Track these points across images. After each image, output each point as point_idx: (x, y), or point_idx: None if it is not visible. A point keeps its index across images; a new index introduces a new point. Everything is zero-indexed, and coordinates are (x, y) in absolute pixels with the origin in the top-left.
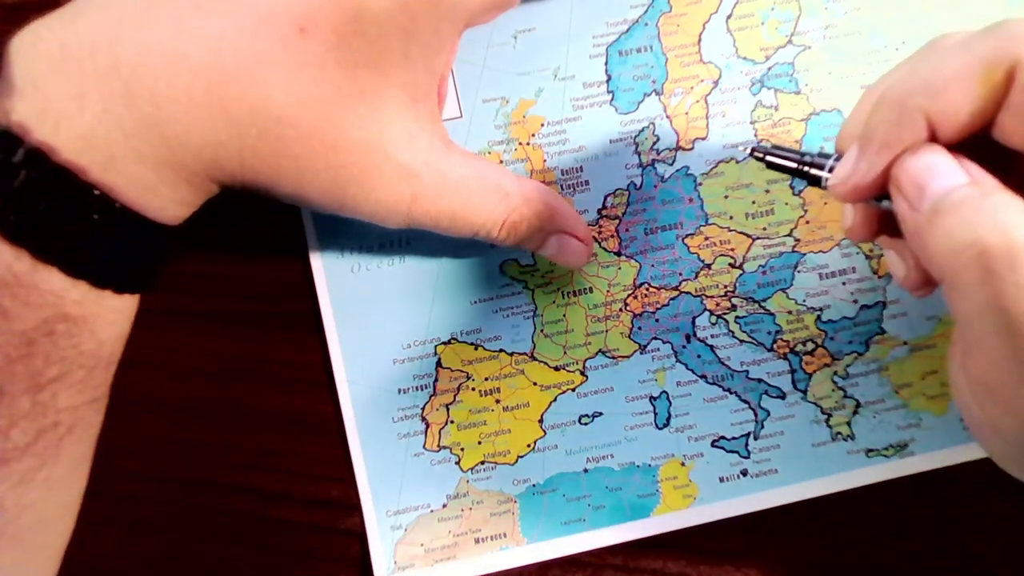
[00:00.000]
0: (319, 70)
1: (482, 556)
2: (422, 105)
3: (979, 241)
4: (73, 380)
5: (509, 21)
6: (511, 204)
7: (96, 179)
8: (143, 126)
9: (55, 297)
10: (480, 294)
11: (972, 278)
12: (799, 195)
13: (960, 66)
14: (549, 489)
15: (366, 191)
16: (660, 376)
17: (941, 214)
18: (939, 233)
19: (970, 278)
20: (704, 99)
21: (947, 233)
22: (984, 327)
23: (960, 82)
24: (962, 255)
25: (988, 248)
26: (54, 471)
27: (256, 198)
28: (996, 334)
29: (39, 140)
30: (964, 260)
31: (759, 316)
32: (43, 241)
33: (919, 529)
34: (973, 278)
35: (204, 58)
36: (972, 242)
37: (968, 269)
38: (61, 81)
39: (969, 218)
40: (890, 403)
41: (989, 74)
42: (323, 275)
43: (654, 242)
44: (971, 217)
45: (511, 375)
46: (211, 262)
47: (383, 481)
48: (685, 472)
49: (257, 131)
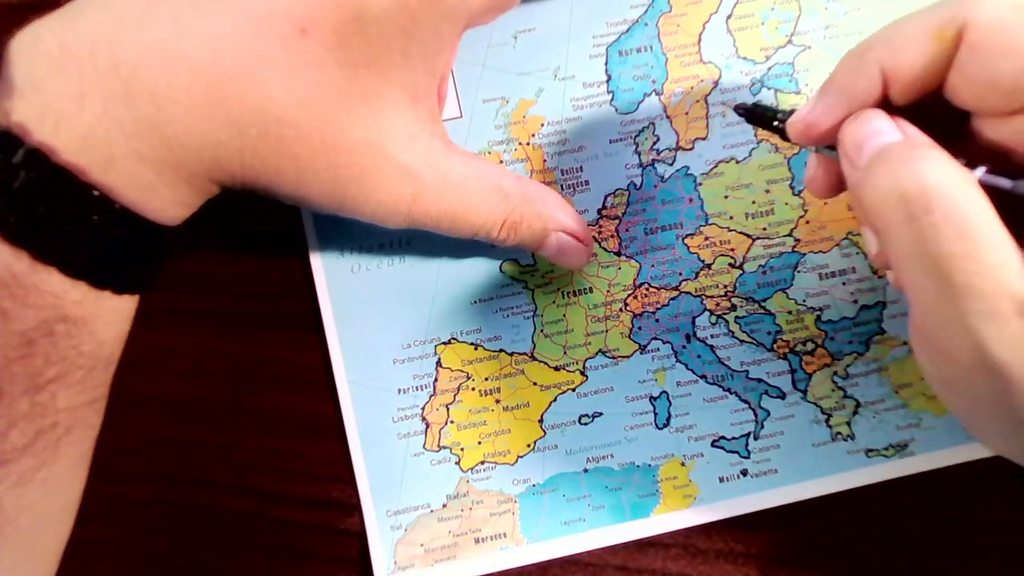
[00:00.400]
0: (319, 70)
1: (482, 556)
2: (422, 105)
3: (900, 187)
4: (72, 381)
5: (509, 21)
6: (511, 204)
7: (96, 180)
8: (143, 126)
9: (54, 298)
10: (480, 294)
11: (896, 223)
12: (799, 195)
13: (917, 25)
14: (549, 489)
15: (367, 191)
16: (660, 376)
17: (872, 167)
18: (870, 185)
19: (895, 224)
20: (704, 99)
21: (875, 184)
22: (912, 272)
23: (915, 38)
24: (887, 203)
25: (907, 193)
26: (53, 471)
27: (256, 198)
28: (923, 276)
29: (39, 141)
30: (889, 207)
31: (759, 316)
32: (43, 242)
33: (919, 529)
34: (897, 223)
35: (204, 58)
36: (894, 188)
37: (893, 215)
38: (61, 81)
39: (893, 168)
40: (890, 403)
41: (940, 32)
42: (323, 275)
43: (654, 242)
44: (895, 167)
45: (511, 375)
46: (211, 262)
47: (383, 481)
48: (685, 472)
49: (257, 131)
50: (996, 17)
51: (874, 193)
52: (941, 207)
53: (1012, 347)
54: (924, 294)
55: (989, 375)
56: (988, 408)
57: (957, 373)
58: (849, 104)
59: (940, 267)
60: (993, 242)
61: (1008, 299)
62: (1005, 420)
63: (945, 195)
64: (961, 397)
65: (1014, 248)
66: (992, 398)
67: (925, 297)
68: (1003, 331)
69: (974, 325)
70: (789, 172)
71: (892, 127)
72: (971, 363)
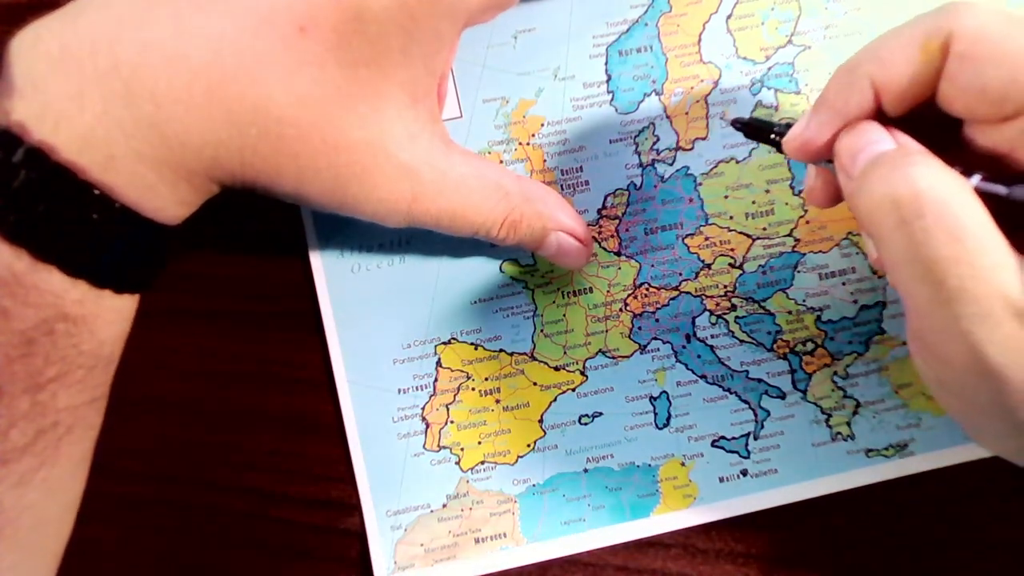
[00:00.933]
0: (319, 69)
1: (482, 556)
2: (422, 104)
3: (892, 192)
4: (73, 380)
5: (509, 21)
6: (511, 203)
7: (96, 179)
8: (143, 126)
9: (54, 297)
10: (480, 294)
11: (889, 228)
12: (799, 195)
13: (904, 38)
14: (549, 489)
15: (367, 190)
16: (660, 376)
17: (866, 175)
18: (864, 192)
19: (888, 229)
20: (704, 99)
21: (869, 191)
22: (906, 277)
23: (903, 51)
24: (880, 208)
25: (899, 198)
26: (53, 472)
27: (256, 198)
28: (916, 280)
29: (39, 140)
30: (882, 213)
31: (759, 316)
32: (43, 241)
33: (919, 529)
34: (890, 228)
35: (204, 58)
36: (887, 194)
37: (886, 220)
38: (61, 81)
39: (886, 174)
40: (890, 403)
41: (927, 44)
42: (323, 275)
43: (654, 242)
44: (887, 173)
45: (511, 375)
46: (211, 262)
47: (383, 481)
48: (685, 472)
49: (257, 130)
50: (980, 26)
51: (868, 200)
52: (932, 211)
53: (1006, 349)
54: (918, 299)
55: (984, 378)
56: (985, 410)
57: (953, 376)
58: (843, 119)
59: (933, 271)
60: (985, 245)
61: (1001, 301)
62: (1001, 421)
63: (936, 199)
64: (958, 399)
65: (1008, 251)
66: (988, 400)
67: (919, 302)
68: (996, 333)
69: (967, 328)
70: (789, 172)
71: (886, 136)
72: (966, 366)
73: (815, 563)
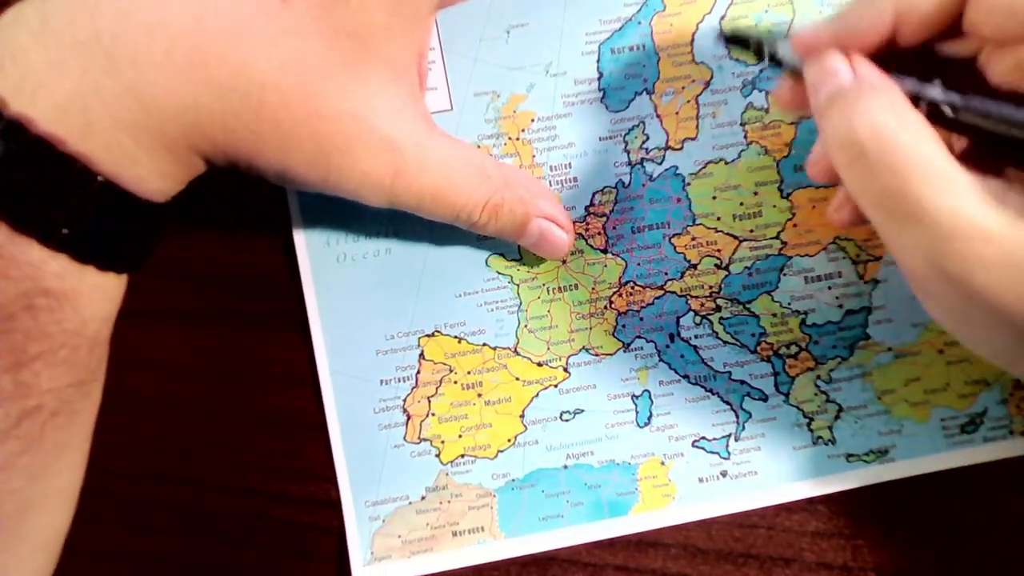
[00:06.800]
0: (301, 39)
1: (459, 549)
2: (404, 80)
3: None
4: (57, 360)
5: (502, 15)
6: (493, 186)
7: (75, 149)
8: (121, 92)
9: (33, 268)
10: (465, 287)
11: (843, 165)
12: (787, 198)
13: None
14: (528, 484)
15: (350, 162)
16: (643, 375)
17: (825, 112)
18: (823, 128)
19: (843, 166)
20: (695, 99)
21: (826, 127)
22: (864, 205)
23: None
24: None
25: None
26: (37, 457)
27: (243, 189)
28: (870, 208)
29: (16, 112)
30: (837, 150)
31: (743, 318)
32: (20, 212)
33: (919, 529)
34: (844, 165)
35: (186, 24)
36: (839, 134)
37: (840, 158)
38: (40, 51)
39: (838, 114)
40: (872, 409)
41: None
42: (308, 264)
43: (641, 241)
44: (839, 113)
45: (494, 369)
46: (196, 256)
47: (362, 472)
48: (664, 471)
49: (239, 96)
50: None
51: (827, 135)
52: (874, 149)
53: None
54: (878, 225)
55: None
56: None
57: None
58: (850, 35)
59: (882, 201)
60: (928, 175)
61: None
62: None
63: (877, 138)
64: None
65: (955, 174)
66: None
67: (879, 228)
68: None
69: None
70: (778, 175)
71: (846, 67)
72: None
73: (815, 563)
